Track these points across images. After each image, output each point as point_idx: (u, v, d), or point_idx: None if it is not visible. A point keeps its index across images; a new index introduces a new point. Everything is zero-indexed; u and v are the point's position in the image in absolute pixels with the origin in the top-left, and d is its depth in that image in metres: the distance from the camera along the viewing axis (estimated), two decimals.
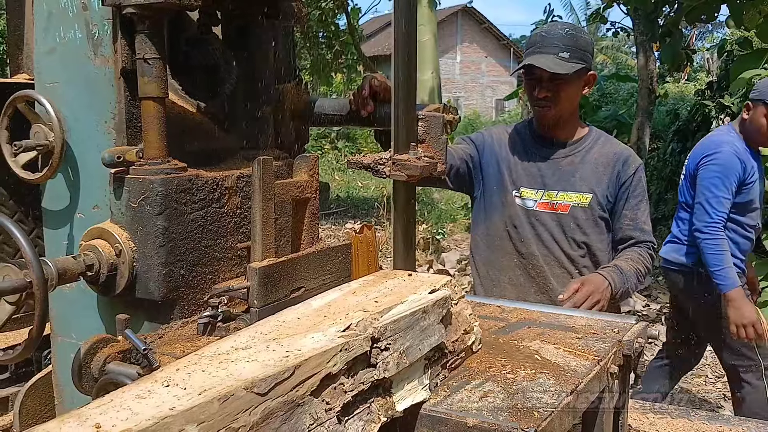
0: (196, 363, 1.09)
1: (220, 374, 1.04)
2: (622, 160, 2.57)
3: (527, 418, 1.29)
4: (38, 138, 1.75)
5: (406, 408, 1.32)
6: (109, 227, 1.67)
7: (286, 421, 1.03)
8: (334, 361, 1.15)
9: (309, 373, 1.09)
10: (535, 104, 2.55)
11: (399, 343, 1.30)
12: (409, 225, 1.78)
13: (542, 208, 2.56)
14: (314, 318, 1.33)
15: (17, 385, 2.23)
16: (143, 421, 0.87)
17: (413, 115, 1.73)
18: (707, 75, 14.46)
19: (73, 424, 0.88)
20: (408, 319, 1.34)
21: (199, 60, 1.84)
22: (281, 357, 1.10)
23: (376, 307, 1.35)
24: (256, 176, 1.65)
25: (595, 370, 1.56)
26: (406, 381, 1.33)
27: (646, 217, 2.60)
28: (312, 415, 1.09)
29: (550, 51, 2.42)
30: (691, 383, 5.09)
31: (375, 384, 1.24)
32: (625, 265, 2.47)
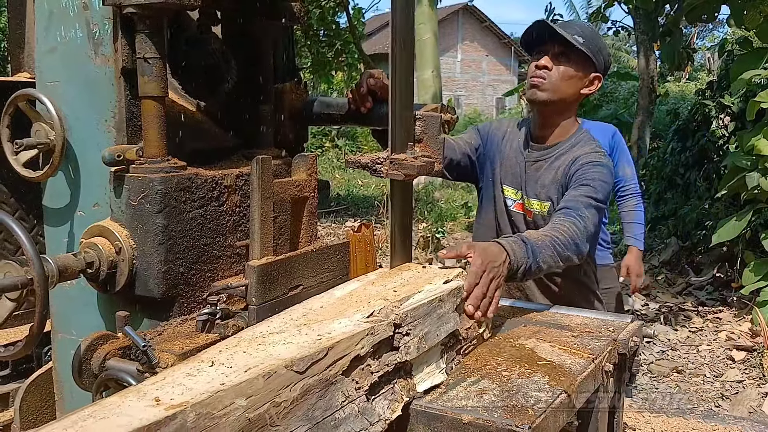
0: (237, 345, 1.21)
1: (261, 355, 1.14)
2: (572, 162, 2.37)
3: (521, 416, 1.31)
4: (39, 136, 1.76)
5: (426, 389, 1.42)
6: (109, 225, 1.69)
7: (321, 398, 1.14)
8: (362, 344, 1.25)
9: (340, 354, 1.19)
10: (533, 75, 2.41)
11: (418, 328, 1.40)
12: (405, 222, 1.81)
13: (517, 209, 2.51)
14: (338, 306, 1.44)
15: (18, 382, 2.25)
16: (198, 395, 0.98)
17: (410, 115, 1.74)
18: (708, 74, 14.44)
19: (133, 398, 0.99)
20: (426, 306, 1.45)
21: (199, 59, 1.85)
22: (314, 340, 1.21)
23: (396, 296, 1.45)
24: (254, 175, 1.67)
25: (590, 368, 1.57)
26: (425, 364, 1.44)
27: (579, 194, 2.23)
28: (343, 393, 1.19)
29: (567, 30, 2.35)
30: (690, 382, 5.11)
31: (398, 366, 1.34)
32: (534, 234, 2.02)
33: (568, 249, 2.03)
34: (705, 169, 8.72)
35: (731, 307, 6.65)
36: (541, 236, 2.00)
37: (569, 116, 2.47)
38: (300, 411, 1.10)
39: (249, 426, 1.01)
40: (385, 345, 1.32)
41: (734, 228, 6.21)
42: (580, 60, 2.35)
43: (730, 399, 4.80)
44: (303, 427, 1.10)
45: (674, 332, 6.14)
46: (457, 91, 33.22)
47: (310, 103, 2.14)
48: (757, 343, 5.57)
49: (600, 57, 2.39)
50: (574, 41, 2.31)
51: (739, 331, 5.96)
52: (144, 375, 1.47)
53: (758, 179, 5.92)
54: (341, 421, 1.18)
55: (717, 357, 5.59)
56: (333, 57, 14.68)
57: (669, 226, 9.13)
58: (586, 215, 2.13)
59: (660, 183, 9.94)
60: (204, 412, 0.96)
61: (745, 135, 6.27)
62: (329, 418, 1.16)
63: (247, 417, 1.01)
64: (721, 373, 5.28)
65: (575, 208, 2.15)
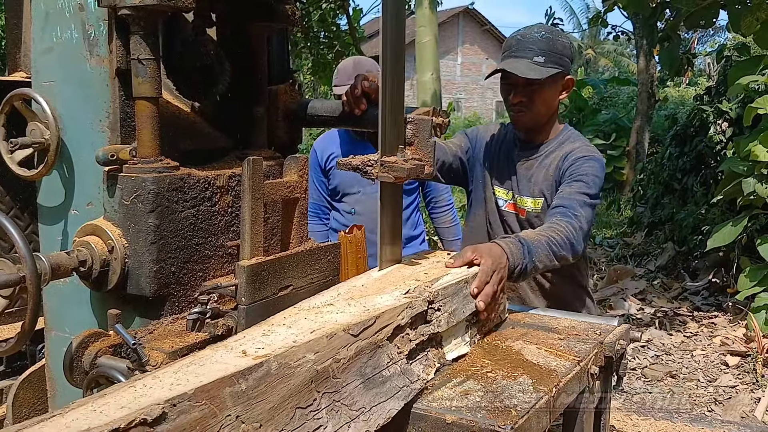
0: (298, 313, 1.46)
1: (320, 320, 1.38)
2: (565, 156, 2.43)
3: (504, 416, 1.33)
4: (34, 135, 1.78)
5: (453, 358, 1.62)
6: (102, 224, 1.70)
7: (371, 358, 1.35)
8: (402, 315, 1.46)
9: (385, 323, 1.41)
10: (510, 109, 2.50)
11: (448, 305, 1.62)
12: (395, 224, 1.83)
13: (509, 209, 2.55)
14: (377, 285, 1.67)
15: (11, 379, 2.26)
16: (276, 349, 1.20)
17: (401, 118, 1.76)
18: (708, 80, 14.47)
19: (223, 351, 1.21)
20: (454, 287, 1.66)
21: (193, 61, 1.86)
22: (362, 310, 1.44)
23: (426, 277, 1.69)
24: (245, 176, 1.69)
25: (575, 370, 1.59)
26: (452, 337, 1.65)
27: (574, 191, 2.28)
28: (388, 355, 1.39)
29: (525, 55, 2.38)
30: (683, 387, 5.13)
31: (431, 337, 1.54)
32: (530, 234, 2.06)
33: (564, 248, 2.08)
34: (702, 174, 8.74)
35: (726, 313, 6.67)
36: (538, 236, 2.04)
37: (554, 119, 2.55)
38: (355, 367, 1.30)
39: (317, 376, 1.21)
40: (420, 318, 1.52)
41: (730, 233, 6.24)
42: (550, 78, 2.38)
43: (723, 404, 4.82)
44: (357, 381, 1.29)
45: (669, 337, 6.16)
46: (456, 94, 33.24)
47: (304, 105, 2.15)
48: (751, 349, 5.59)
49: (564, 60, 2.43)
50: (537, 73, 2.34)
51: (733, 337, 5.97)
52: (134, 372, 1.49)
53: (754, 185, 5.95)
54: (387, 378, 1.37)
55: (711, 362, 5.61)
56: (333, 59, 14.67)
57: (665, 231, 9.15)
58: (581, 214, 2.18)
59: (657, 188, 9.95)
60: (283, 362, 1.17)
61: (742, 141, 6.30)
62: (378, 375, 1.35)
63: (315, 368, 1.22)
64: (714, 378, 5.30)
65: (570, 207, 2.19)
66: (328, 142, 3.65)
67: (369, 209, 3.38)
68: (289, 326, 1.35)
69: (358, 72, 3.02)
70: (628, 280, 7.92)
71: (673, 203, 9.33)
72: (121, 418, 0.92)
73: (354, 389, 1.28)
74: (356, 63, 3.51)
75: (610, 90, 17.80)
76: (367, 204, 3.45)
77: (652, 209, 9.85)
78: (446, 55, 31.17)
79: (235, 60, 1.97)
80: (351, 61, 3.61)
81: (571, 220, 2.15)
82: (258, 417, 1.08)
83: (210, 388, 1.04)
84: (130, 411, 0.94)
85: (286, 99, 2.12)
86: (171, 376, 1.09)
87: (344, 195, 3.59)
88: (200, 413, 1.00)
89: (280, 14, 1.99)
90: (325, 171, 3.60)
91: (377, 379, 1.34)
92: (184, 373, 1.10)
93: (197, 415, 1.00)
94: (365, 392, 1.30)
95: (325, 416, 1.20)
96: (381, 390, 1.34)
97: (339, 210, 3.64)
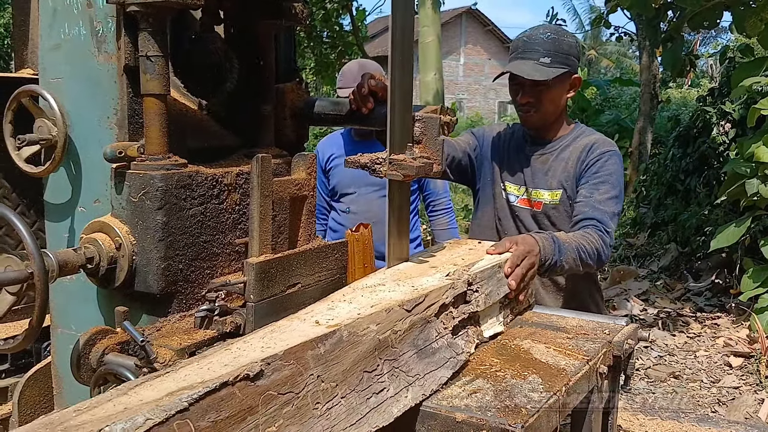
0: (354, 292, 1.61)
1: (376, 297, 1.54)
2: (587, 149, 2.49)
3: (515, 415, 1.32)
4: (41, 132, 1.78)
5: (490, 335, 1.75)
6: (110, 221, 1.70)
7: (422, 331, 1.49)
8: (446, 295, 1.59)
9: (432, 301, 1.54)
10: (519, 109, 2.56)
11: (484, 287, 1.74)
12: (403, 222, 1.83)
13: (522, 204, 2.58)
14: (419, 269, 1.80)
15: (17, 376, 2.26)
16: (344, 319, 1.36)
17: (409, 116, 1.76)
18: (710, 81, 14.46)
19: (298, 322, 1.37)
20: (489, 270, 1.79)
21: (201, 58, 1.86)
22: (411, 290, 1.59)
23: (463, 262, 1.81)
24: (254, 173, 1.68)
25: (584, 369, 1.59)
26: (488, 317, 1.78)
27: (604, 198, 2.38)
28: (436, 330, 1.53)
29: (531, 57, 2.43)
30: (686, 388, 5.12)
31: (470, 315, 1.67)
32: (563, 236, 2.20)
33: (591, 258, 2.22)
34: (705, 175, 8.73)
35: (729, 314, 6.66)
36: (569, 239, 2.19)
37: (563, 116, 2.60)
38: (409, 339, 1.44)
39: (379, 344, 1.36)
40: (461, 298, 1.65)
41: (733, 234, 6.23)
42: (557, 78, 2.43)
43: (726, 405, 4.81)
44: (412, 351, 1.43)
45: (672, 338, 6.15)
46: (459, 94, 33.23)
47: (311, 103, 2.15)
48: (754, 350, 5.58)
49: (571, 59, 2.47)
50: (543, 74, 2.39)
51: (736, 338, 5.97)
52: (142, 370, 1.49)
53: (758, 186, 5.94)
54: (436, 350, 1.50)
55: (714, 363, 5.60)
56: (336, 58, 14.67)
57: (668, 232, 9.14)
58: (611, 229, 2.33)
59: (660, 189, 9.95)
60: (352, 331, 1.32)
61: (745, 142, 6.29)
62: (428, 347, 1.48)
63: (378, 338, 1.36)
64: (718, 378, 5.29)
65: (603, 222, 2.32)
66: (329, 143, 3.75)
67: (363, 209, 3.53)
68: (350, 302, 1.51)
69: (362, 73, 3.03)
70: (631, 281, 7.92)
71: (676, 204, 9.32)
72: (228, 373, 1.07)
73: (409, 358, 1.42)
74: (361, 66, 3.55)
75: (613, 91, 17.80)
76: (361, 204, 3.56)
77: (655, 210, 9.85)
78: (449, 56, 31.17)
79: (242, 58, 1.97)
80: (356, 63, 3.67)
81: (603, 234, 2.28)
82: (334, 377, 1.23)
83: (296, 351, 1.19)
84: (233, 368, 1.09)
85: (293, 97, 2.12)
86: (259, 341, 1.25)
87: (341, 195, 3.67)
88: (290, 371, 1.16)
89: (287, 12, 1.99)
90: (325, 171, 3.68)
91: (428, 350, 1.48)
92: (270, 339, 1.26)
93: (287, 373, 1.15)
94: (419, 361, 1.44)
95: (387, 380, 1.34)
96: (432, 360, 1.48)
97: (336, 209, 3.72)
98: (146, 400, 0.99)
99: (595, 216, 2.32)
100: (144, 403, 0.98)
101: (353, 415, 1.24)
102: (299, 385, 1.16)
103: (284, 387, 1.13)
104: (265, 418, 1.08)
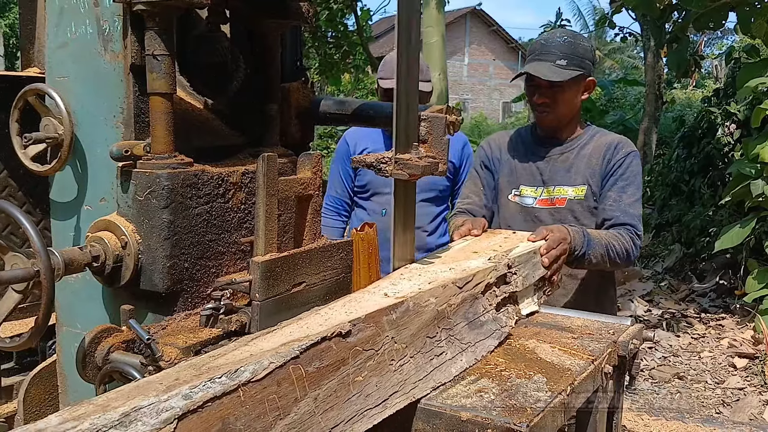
0: (410, 271, 1.80)
1: (431, 276, 1.71)
2: (612, 147, 2.59)
3: (520, 414, 1.32)
4: (48, 131, 1.78)
5: (526, 313, 1.95)
6: (116, 219, 1.70)
7: (471, 306, 1.67)
8: (490, 275, 1.77)
9: (478, 280, 1.72)
10: (535, 109, 2.64)
11: (521, 270, 1.94)
12: (408, 221, 1.84)
13: (542, 205, 2.63)
14: (461, 254, 2.00)
15: (22, 374, 2.26)
16: (408, 293, 1.54)
17: (415, 116, 1.76)
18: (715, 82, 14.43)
19: (368, 294, 1.57)
20: (525, 256, 1.99)
21: (208, 57, 1.86)
22: (460, 271, 1.75)
23: (501, 248, 2.02)
24: (260, 172, 1.68)
25: (589, 369, 1.59)
26: (525, 297, 1.97)
27: (632, 201, 2.53)
28: (482, 305, 1.72)
29: (548, 59, 2.53)
30: (691, 389, 5.11)
31: (510, 294, 1.85)
32: (595, 233, 2.39)
33: (619, 257, 2.41)
34: (710, 176, 8.72)
35: (734, 315, 6.65)
36: (599, 236, 2.38)
37: (577, 118, 2.71)
38: (461, 312, 1.63)
39: (438, 315, 1.54)
40: (502, 279, 1.83)
41: (737, 235, 6.21)
42: (571, 80, 2.52)
43: (731, 406, 4.80)
44: (463, 322, 1.62)
45: (676, 338, 6.14)
46: (463, 94, 33.23)
47: (317, 103, 2.15)
48: (759, 351, 5.57)
49: (586, 63, 2.57)
50: (559, 75, 2.49)
51: (741, 339, 5.96)
52: (147, 368, 1.49)
53: (763, 187, 5.93)
54: (483, 323, 1.69)
55: (719, 364, 5.59)
56: (340, 59, 14.68)
57: (673, 233, 9.13)
58: (641, 231, 2.51)
59: (665, 189, 9.94)
60: (416, 302, 1.50)
61: (750, 143, 6.27)
62: (477, 320, 1.67)
63: (437, 309, 1.54)
64: (722, 380, 5.28)
65: (634, 226, 2.49)
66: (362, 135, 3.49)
67: None
68: (409, 279, 1.70)
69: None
70: (636, 282, 7.91)
71: (681, 205, 9.31)
72: (325, 330, 1.27)
73: (462, 328, 1.61)
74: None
75: (618, 91, 17.77)
76: None
77: (659, 211, 9.84)
78: (453, 56, 31.16)
79: (248, 57, 1.97)
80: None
81: (634, 237, 2.47)
82: (404, 339, 1.42)
83: (374, 315, 1.38)
84: (327, 327, 1.29)
85: (298, 97, 2.12)
86: (342, 307, 1.45)
87: (374, 194, 3.45)
88: (371, 332, 1.35)
89: (293, 11, 1.99)
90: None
91: (477, 323, 1.67)
92: (350, 306, 1.45)
93: (369, 333, 1.34)
94: (470, 331, 1.63)
95: (445, 345, 1.53)
96: (481, 331, 1.67)
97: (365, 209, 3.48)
98: (265, 349, 1.20)
99: (626, 221, 2.49)
100: (264, 351, 1.18)
101: (420, 372, 1.43)
102: (378, 344, 1.35)
103: (367, 344, 1.33)
104: (353, 368, 1.28)
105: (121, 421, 0.92)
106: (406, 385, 1.38)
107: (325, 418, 1.18)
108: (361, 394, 1.27)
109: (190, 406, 0.98)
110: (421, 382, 1.42)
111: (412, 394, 1.38)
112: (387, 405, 1.32)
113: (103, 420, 0.91)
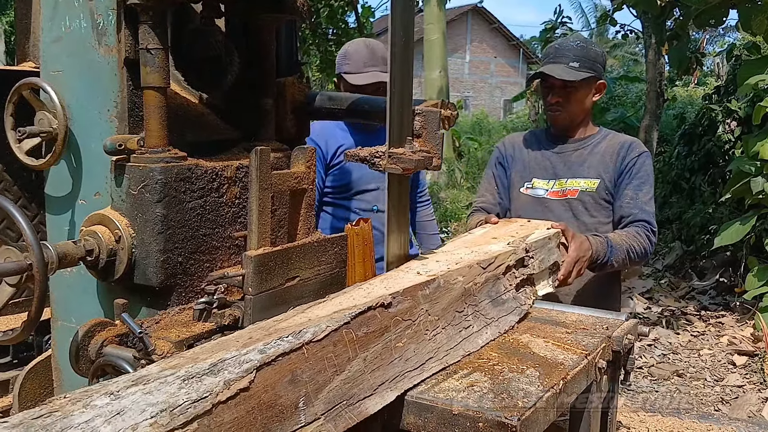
0: (437, 254, 1.91)
1: (457, 258, 1.83)
2: (626, 146, 2.74)
3: (511, 408, 1.32)
4: (42, 125, 1.78)
5: (542, 294, 2.08)
6: (110, 214, 1.70)
7: (494, 286, 1.81)
8: (510, 258, 1.91)
9: (500, 262, 1.86)
10: (549, 108, 2.81)
11: (538, 255, 2.07)
12: (402, 215, 1.84)
13: (553, 196, 2.77)
14: (481, 239, 2.12)
15: (17, 369, 2.26)
16: (438, 272, 1.66)
17: (409, 110, 1.76)
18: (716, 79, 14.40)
19: (403, 273, 1.69)
20: (541, 241, 2.13)
21: (202, 51, 1.86)
22: (482, 254, 1.88)
23: (518, 235, 2.14)
24: (253, 166, 1.68)
25: (583, 363, 1.58)
26: (541, 280, 2.11)
27: (648, 199, 2.67)
28: (504, 285, 1.85)
29: (562, 61, 2.70)
30: (690, 386, 5.11)
31: (528, 277, 1.99)
32: (616, 238, 2.53)
33: (638, 257, 2.58)
34: (710, 173, 8.71)
35: (734, 312, 6.65)
36: (621, 241, 2.52)
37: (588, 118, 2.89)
38: (485, 290, 1.76)
39: (465, 292, 1.67)
40: (520, 262, 1.97)
41: (737, 232, 6.21)
42: (583, 80, 2.70)
43: (730, 403, 4.80)
44: (487, 300, 1.76)
45: (676, 336, 6.14)
46: (464, 92, 33.20)
47: (312, 98, 2.15)
48: (758, 348, 5.57)
49: (597, 66, 2.75)
50: (572, 76, 2.67)
51: (740, 336, 5.96)
52: (140, 362, 1.49)
53: (763, 184, 5.92)
54: (505, 301, 1.83)
55: (718, 361, 5.59)
56: None
57: (673, 230, 9.12)
58: (656, 228, 2.67)
59: (665, 187, 9.93)
60: (446, 280, 1.63)
61: (751, 140, 6.27)
62: (499, 298, 1.81)
63: (464, 287, 1.68)
64: (721, 377, 5.28)
65: (650, 223, 2.65)
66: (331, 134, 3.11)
67: None
68: (437, 260, 1.80)
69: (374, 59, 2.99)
70: (636, 279, 7.90)
71: (681, 202, 9.30)
72: (370, 301, 1.41)
73: (486, 305, 1.75)
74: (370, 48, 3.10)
75: (619, 89, 17.74)
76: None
77: (659, 208, 9.81)
78: (454, 53, 31.13)
79: (243, 51, 1.97)
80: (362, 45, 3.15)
81: (650, 235, 2.63)
82: (436, 312, 1.57)
83: (411, 290, 1.52)
84: (371, 299, 1.43)
85: (294, 91, 2.11)
86: (380, 284, 1.58)
87: (359, 192, 3.16)
88: (408, 305, 1.49)
89: (288, 6, 1.99)
90: (328, 166, 3.11)
91: (499, 300, 1.81)
92: (388, 282, 1.59)
93: (407, 305, 1.49)
94: (493, 308, 1.77)
95: (472, 320, 1.67)
96: (503, 308, 1.81)
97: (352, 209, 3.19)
98: (321, 315, 1.35)
99: (643, 218, 2.64)
100: (320, 317, 1.33)
101: (451, 342, 1.57)
102: (415, 315, 1.50)
103: (406, 315, 1.47)
104: (394, 336, 1.42)
105: (210, 369, 1.09)
106: (440, 353, 1.53)
107: (373, 376, 1.34)
108: (401, 357, 1.42)
109: (266, 359, 1.15)
110: (453, 350, 1.56)
111: (445, 360, 1.53)
112: (424, 369, 1.46)
113: (196, 368, 1.08)
